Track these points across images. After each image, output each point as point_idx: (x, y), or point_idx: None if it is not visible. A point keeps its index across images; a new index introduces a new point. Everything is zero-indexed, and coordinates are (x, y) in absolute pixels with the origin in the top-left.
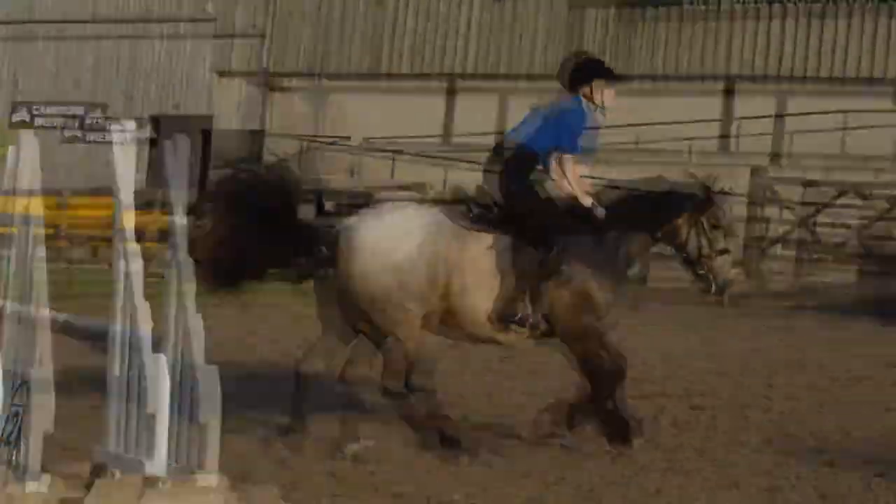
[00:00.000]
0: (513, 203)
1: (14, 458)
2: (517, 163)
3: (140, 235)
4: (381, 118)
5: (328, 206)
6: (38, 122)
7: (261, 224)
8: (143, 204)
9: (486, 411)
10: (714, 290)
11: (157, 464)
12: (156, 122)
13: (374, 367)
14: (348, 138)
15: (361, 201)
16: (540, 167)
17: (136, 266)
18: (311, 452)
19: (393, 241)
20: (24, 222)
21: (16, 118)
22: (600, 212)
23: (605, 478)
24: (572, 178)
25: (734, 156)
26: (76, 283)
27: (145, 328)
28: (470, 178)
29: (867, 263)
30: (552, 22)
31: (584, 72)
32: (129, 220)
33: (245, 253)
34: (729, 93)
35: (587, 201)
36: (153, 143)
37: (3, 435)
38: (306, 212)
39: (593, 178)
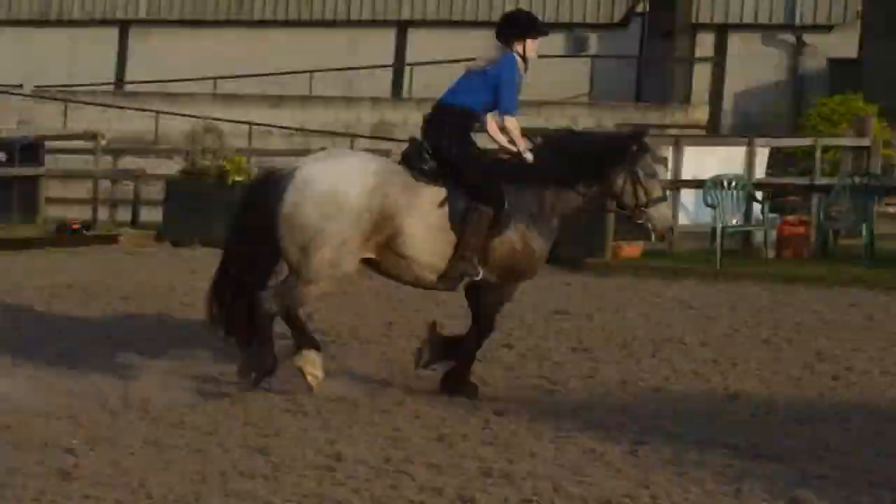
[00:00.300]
0: (454, 164)
1: None
2: (456, 124)
3: None
4: (52, 65)
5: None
6: None
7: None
8: None
9: None
10: (654, 238)
11: None
12: None
13: None
14: (20, 86)
15: (33, 150)
16: (478, 126)
17: None
18: None
19: (345, 183)
20: None
21: None
22: (535, 162)
23: (223, 421)
24: (515, 136)
25: (406, 103)
26: None
27: None
28: (142, 127)
29: None
30: None
31: (519, 27)
32: None
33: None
34: (402, 38)
35: (529, 157)
36: None
37: None
38: None
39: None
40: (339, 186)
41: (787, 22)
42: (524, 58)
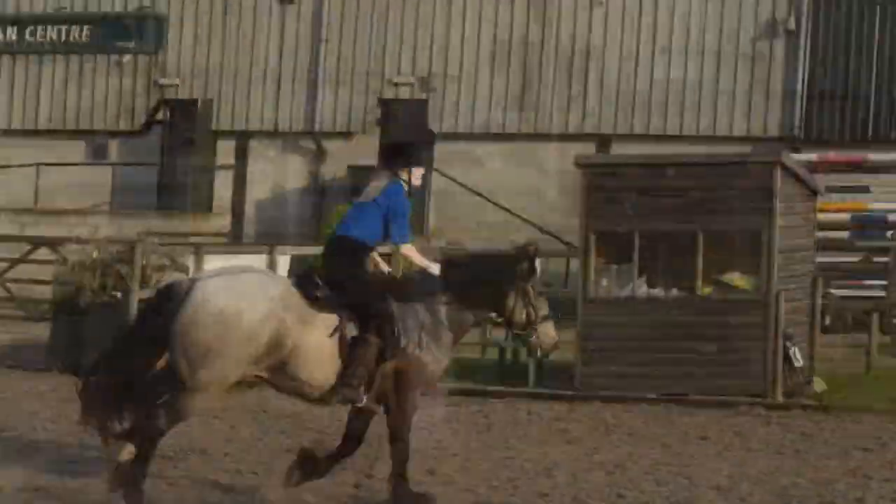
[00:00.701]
0: (347, 293)
1: None
2: (351, 255)
3: None
4: None
5: None
6: None
7: None
8: None
9: None
10: (540, 355)
11: None
12: None
13: None
14: None
15: None
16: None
17: None
18: None
19: (241, 303)
20: None
21: None
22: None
23: None
24: (415, 259)
25: None
26: None
27: None
28: None
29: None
30: None
31: (405, 156)
32: None
33: None
34: None
35: (435, 270)
36: None
37: None
38: None
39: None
40: (234, 308)
41: (307, 129)
42: (409, 184)
